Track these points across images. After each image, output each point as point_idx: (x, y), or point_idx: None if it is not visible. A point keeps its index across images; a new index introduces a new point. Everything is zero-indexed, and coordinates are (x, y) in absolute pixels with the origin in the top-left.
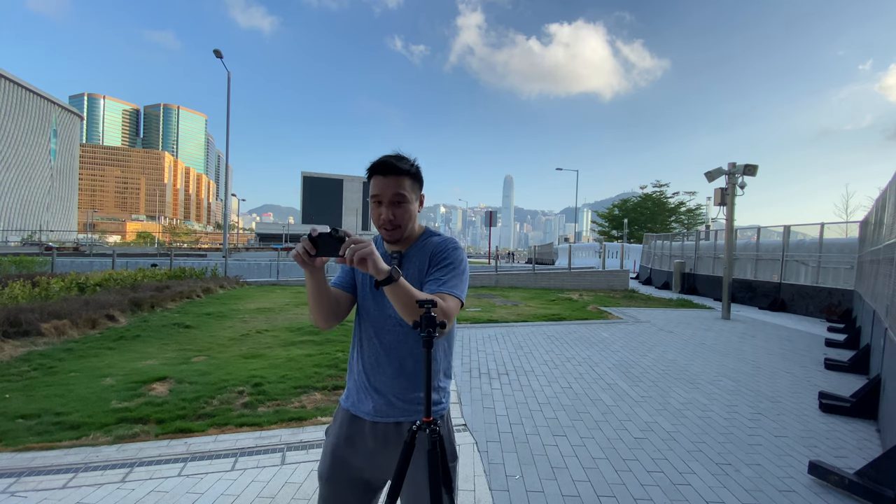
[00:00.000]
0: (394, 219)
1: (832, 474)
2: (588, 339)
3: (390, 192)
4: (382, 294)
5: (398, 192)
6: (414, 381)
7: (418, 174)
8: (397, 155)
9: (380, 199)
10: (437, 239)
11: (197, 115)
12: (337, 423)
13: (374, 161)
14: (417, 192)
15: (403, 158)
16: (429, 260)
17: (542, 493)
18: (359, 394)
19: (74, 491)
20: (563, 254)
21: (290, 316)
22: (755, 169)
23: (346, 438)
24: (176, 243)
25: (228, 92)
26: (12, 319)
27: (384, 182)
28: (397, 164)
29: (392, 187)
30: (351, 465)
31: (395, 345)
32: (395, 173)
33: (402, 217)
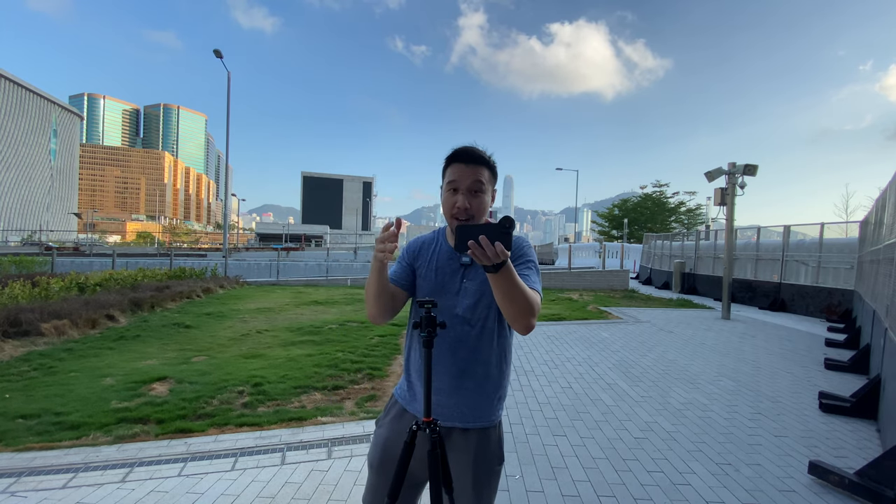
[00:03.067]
0: (469, 208)
1: (832, 474)
2: (588, 339)
3: (469, 180)
4: (454, 293)
5: (477, 180)
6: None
7: (495, 168)
8: (476, 147)
9: (457, 187)
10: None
11: (197, 115)
12: (390, 417)
13: (456, 148)
14: (492, 186)
15: (481, 151)
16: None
17: (542, 493)
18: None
19: (74, 491)
20: (563, 254)
21: (290, 316)
22: (755, 169)
23: (398, 433)
24: (176, 243)
25: (228, 92)
26: (12, 319)
27: (464, 170)
28: (479, 153)
29: (472, 175)
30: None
31: (457, 345)
32: (476, 162)
33: (477, 207)
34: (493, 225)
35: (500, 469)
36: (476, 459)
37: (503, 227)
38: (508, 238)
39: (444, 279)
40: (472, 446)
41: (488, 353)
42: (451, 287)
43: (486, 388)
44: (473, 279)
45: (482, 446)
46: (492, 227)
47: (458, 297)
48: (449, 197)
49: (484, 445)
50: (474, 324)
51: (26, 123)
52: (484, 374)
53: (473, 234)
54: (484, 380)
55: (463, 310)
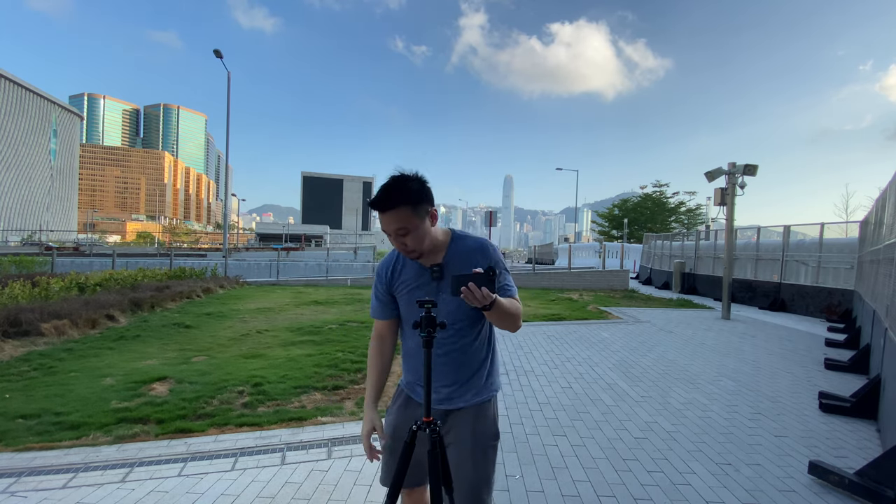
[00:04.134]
0: (407, 246)
1: (832, 474)
2: (588, 339)
3: (393, 227)
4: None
5: (400, 227)
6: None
7: (419, 194)
8: (395, 181)
9: (387, 232)
10: (471, 242)
11: (197, 115)
12: (397, 405)
13: (372, 198)
14: (423, 212)
15: (399, 186)
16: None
17: (542, 493)
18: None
19: (74, 491)
20: (563, 254)
21: (290, 316)
22: (755, 169)
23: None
24: (176, 243)
25: (228, 92)
26: (12, 319)
27: (384, 218)
28: (390, 199)
29: (393, 223)
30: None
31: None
32: (391, 207)
33: (414, 243)
34: (480, 275)
35: (496, 444)
36: (474, 432)
37: (488, 275)
38: (492, 283)
39: (418, 294)
40: (470, 420)
41: (476, 350)
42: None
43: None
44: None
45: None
46: (479, 276)
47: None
48: (390, 240)
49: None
50: (458, 328)
51: (26, 123)
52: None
53: (464, 282)
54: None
55: (445, 317)
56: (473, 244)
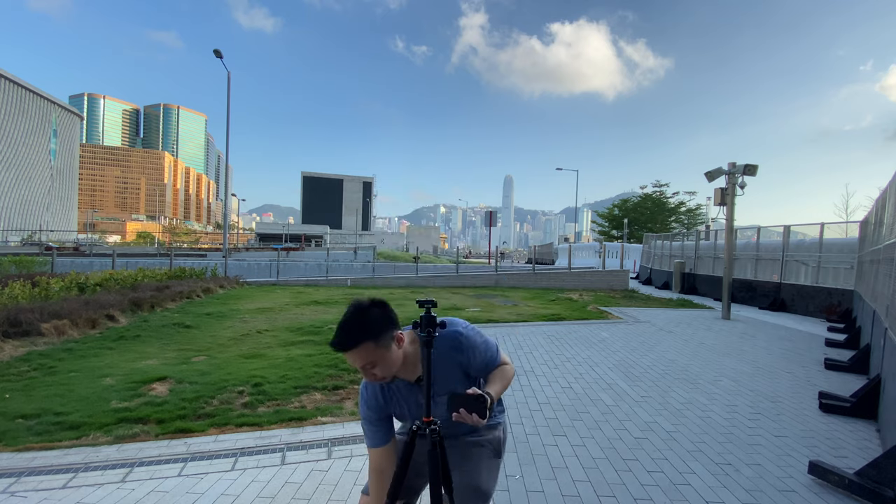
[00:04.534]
0: (377, 376)
1: (832, 474)
2: (588, 339)
3: (359, 364)
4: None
5: (366, 363)
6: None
7: (380, 325)
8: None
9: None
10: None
11: (197, 115)
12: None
13: (333, 338)
14: (387, 343)
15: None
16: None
17: (542, 493)
18: None
19: (74, 491)
20: (563, 254)
21: (290, 316)
22: (755, 169)
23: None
24: (176, 243)
25: (228, 92)
26: (12, 319)
27: (349, 357)
28: (350, 339)
29: (357, 360)
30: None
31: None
32: (352, 347)
33: (383, 371)
34: (471, 398)
35: (499, 462)
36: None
37: (480, 402)
38: (483, 409)
39: (411, 406)
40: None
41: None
42: (419, 407)
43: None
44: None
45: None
46: (470, 399)
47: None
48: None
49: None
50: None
51: (26, 123)
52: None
53: (458, 403)
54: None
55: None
56: (447, 344)
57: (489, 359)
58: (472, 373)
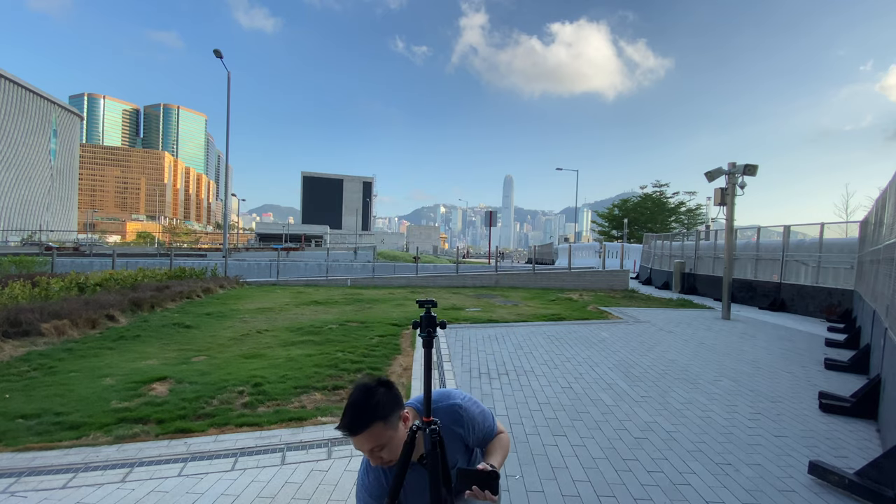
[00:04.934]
0: (383, 459)
1: (832, 474)
2: (588, 339)
3: (366, 448)
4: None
5: (375, 445)
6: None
7: (389, 405)
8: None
9: (363, 451)
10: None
11: (197, 115)
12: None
13: (341, 421)
14: (394, 423)
15: (367, 405)
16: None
17: (542, 493)
18: None
19: (74, 491)
20: (563, 254)
21: (290, 316)
22: (755, 169)
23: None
24: (176, 243)
25: (228, 92)
26: (12, 319)
27: (356, 441)
28: (361, 422)
29: (366, 443)
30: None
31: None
32: (361, 429)
33: (390, 453)
34: (483, 474)
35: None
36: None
37: (494, 478)
38: (496, 485)
39: (417, 486)
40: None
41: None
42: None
43: None
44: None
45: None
46: (482, 476)
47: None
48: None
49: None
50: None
51: (26, 123)
52: None
53: (470, 479)
54: None
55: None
56: (447, 418)
57: (487, 429)
58: (470, 444)
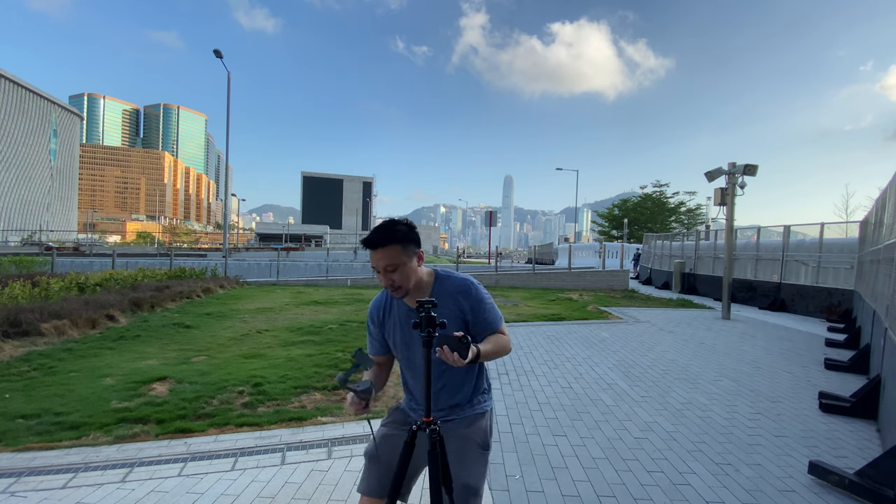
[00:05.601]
0: (394, 283)
1: (832, 474)
2: (588, 339)
3: (382, 264)
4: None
5: (389, 263)
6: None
7: (408, 237)
8: (386, 223)
9: (377, 269)
10: (456, 280)
11: (197, 115)
12: (392, 418)
13: (365, 237)
14: (412, 252)
15: (389, 227)
16: (459, 303)
17: (542, 493)
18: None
19: (74, 491)
20: (563, 254)
21: (290, 316)
22: (755, 169)
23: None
24: (176, 243)
25: (228, 92)
26: (12, 319)
27: (375, 255)
28: (382, 238)
29: (383, 259)
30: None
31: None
32: (382, 244)
33: (400, 280)
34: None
35: (486, 455)
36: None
37: (462, 342)
38: (465, 351)
39: (408, 333)
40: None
41: (466, 377)
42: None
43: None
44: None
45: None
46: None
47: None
48: (378, 276)
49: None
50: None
51: (26, 123)
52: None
53: (443, 341)
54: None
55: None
56: (457, 286)
57: (491, 319)
58: (470, 326)
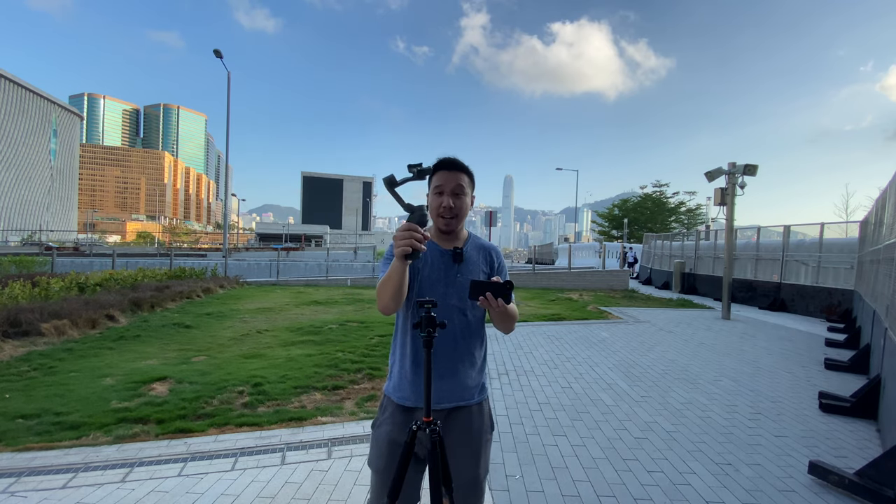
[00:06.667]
0: (453, 207)
1: (832, 474)
2: (588, 339)
3: (453, 184)
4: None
5: (459, 184)
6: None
7: (473, 177)
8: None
9: (442, 190)
10: (485, 242)
11: (197, 115)
12: (388, 413)
13: (441, 158)
14: (472, 191)
15: (463, 162)
16: (488, 261)
17: (542, 493)
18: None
19: (74, 491)
20: (563, 254)
21: (290, 316)
22: (755, 169)
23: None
24: (176, 243)
25: (228, 92)
26: (12, 319)
27: (448, 175)
28: (458, 163)
29: (454, 179)
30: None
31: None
32: (457, 169)
33: (459, 207)
34: (498, 284)
35: (492, 436)
36: (473, 431)
37: (505, 288)
38: (509, 296)
39: (437, 272)
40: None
41: (477, 339)
42: (446, 278)
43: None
44: (465, 274)
45: (478, 420)
46: (497, 285)
47: (452, 287)
48: (435, 199)
49: (479, 419)
50: (467, 312)
51: (26, 123)
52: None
53: (483, 289)
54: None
55: (458, 300)
56: (487, 244)
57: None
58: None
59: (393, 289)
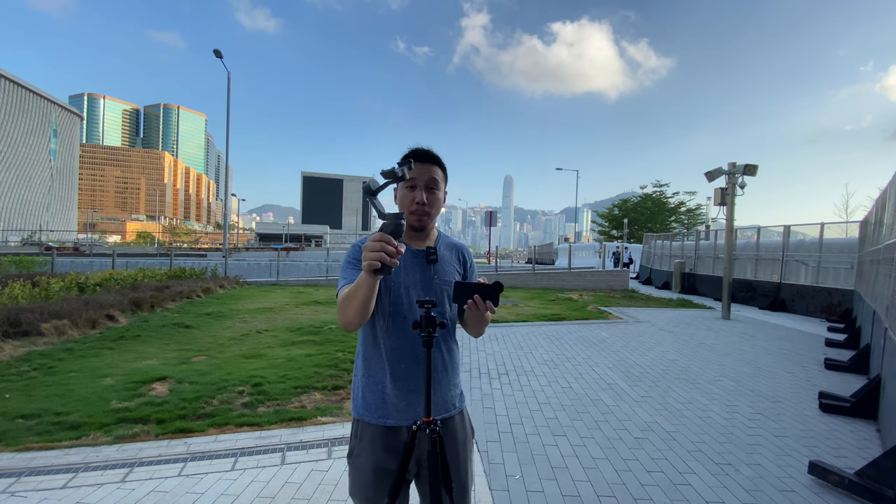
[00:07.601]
0: (426, 203)
1: (832, 474)
2: (588, 339)
3: (426, 177)
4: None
5: (433, 178)
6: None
7: (446, 170)
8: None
9: (414, 184)
10: (456, 241)
11: (197, 115)
12: (364, 442)
13: (413, 148)
14: (443, 182)
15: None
16: (461, 260)
17: (542, 493)
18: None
19: (74, 491)
20: (563, 254)
21: (290, 316)
22: (755, 169)
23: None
24: (176, 243)
25: (228, 92)
26: (12, 319)
27: (423, 168)
28: (433, 155)
29: (428, 172)
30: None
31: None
32: (431, 161)
33: (432, 202)
34: (485, 286)
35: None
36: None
37: (494, 290)
38: (497, 297)
39: (412, 275)
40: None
41: (454, 344)
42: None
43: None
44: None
45: (461, 429)
46: (485, 287)
47: (430, 291)
48: (407, 193)
49: (462, 428)
50: (446, 316)
51: (26, 123)
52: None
53: (469, 291)
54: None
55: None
56: (458, 243)
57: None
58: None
59: (360, 304)
